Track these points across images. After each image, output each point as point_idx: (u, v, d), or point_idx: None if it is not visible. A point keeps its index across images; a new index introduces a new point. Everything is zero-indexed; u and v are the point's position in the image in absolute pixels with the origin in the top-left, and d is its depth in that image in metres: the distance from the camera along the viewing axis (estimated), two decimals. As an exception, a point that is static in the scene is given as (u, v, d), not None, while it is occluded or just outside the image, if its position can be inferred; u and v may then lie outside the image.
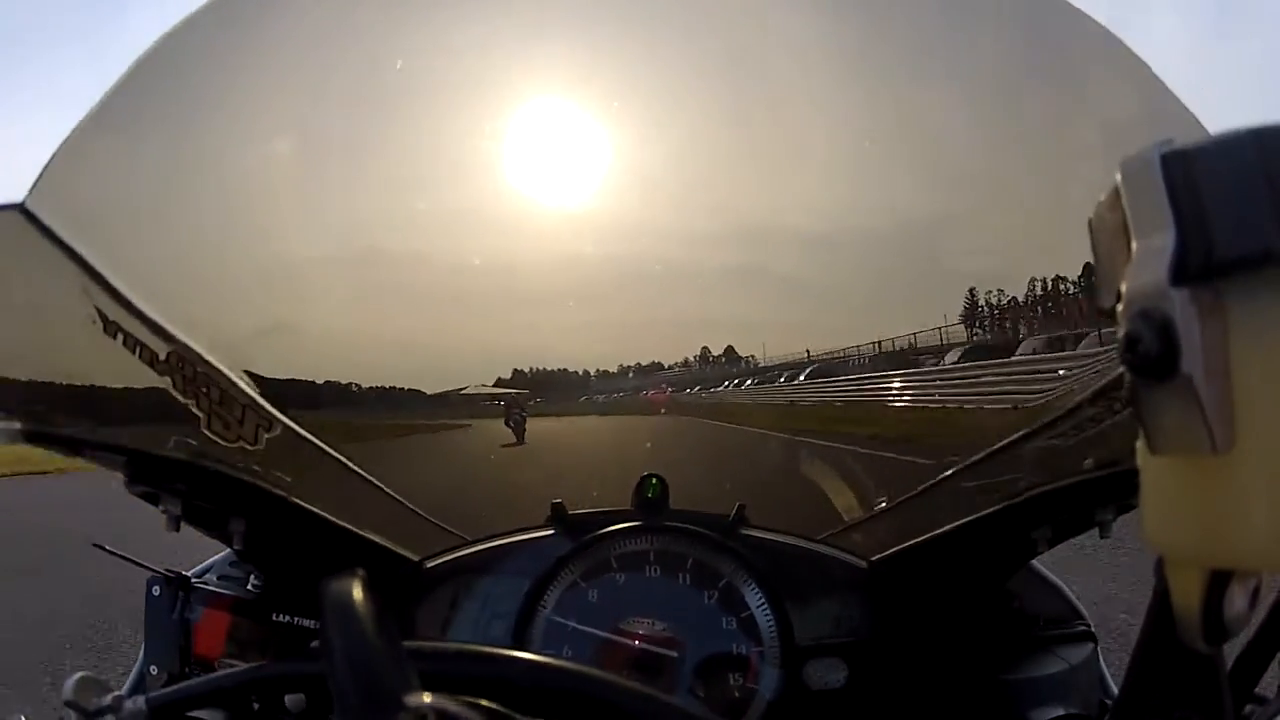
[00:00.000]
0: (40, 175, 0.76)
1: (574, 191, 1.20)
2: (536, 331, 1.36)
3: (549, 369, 1.42)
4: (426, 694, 0.43)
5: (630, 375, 1.43)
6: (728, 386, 1.52)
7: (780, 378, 1.52)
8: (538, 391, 1.42)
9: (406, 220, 1.19)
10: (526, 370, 1.41)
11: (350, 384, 1.23)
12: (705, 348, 1.42)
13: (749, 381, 1.52)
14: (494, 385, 1.40)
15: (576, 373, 1.41)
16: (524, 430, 1.39)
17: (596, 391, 1.44)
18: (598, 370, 1.41)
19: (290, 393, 1.08)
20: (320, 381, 1.17)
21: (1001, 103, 1.04)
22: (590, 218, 1.21)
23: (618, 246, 1.23)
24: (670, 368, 1.42)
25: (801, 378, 1.48)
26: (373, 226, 1.18)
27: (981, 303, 1.20)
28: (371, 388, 1.26)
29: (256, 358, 1.04)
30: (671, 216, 1.23)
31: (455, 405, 1.39)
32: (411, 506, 1.15)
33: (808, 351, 1.42)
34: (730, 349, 1.41)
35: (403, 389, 1.29)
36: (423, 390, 1.30)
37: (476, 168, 1.15)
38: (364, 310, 1.25)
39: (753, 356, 1.43)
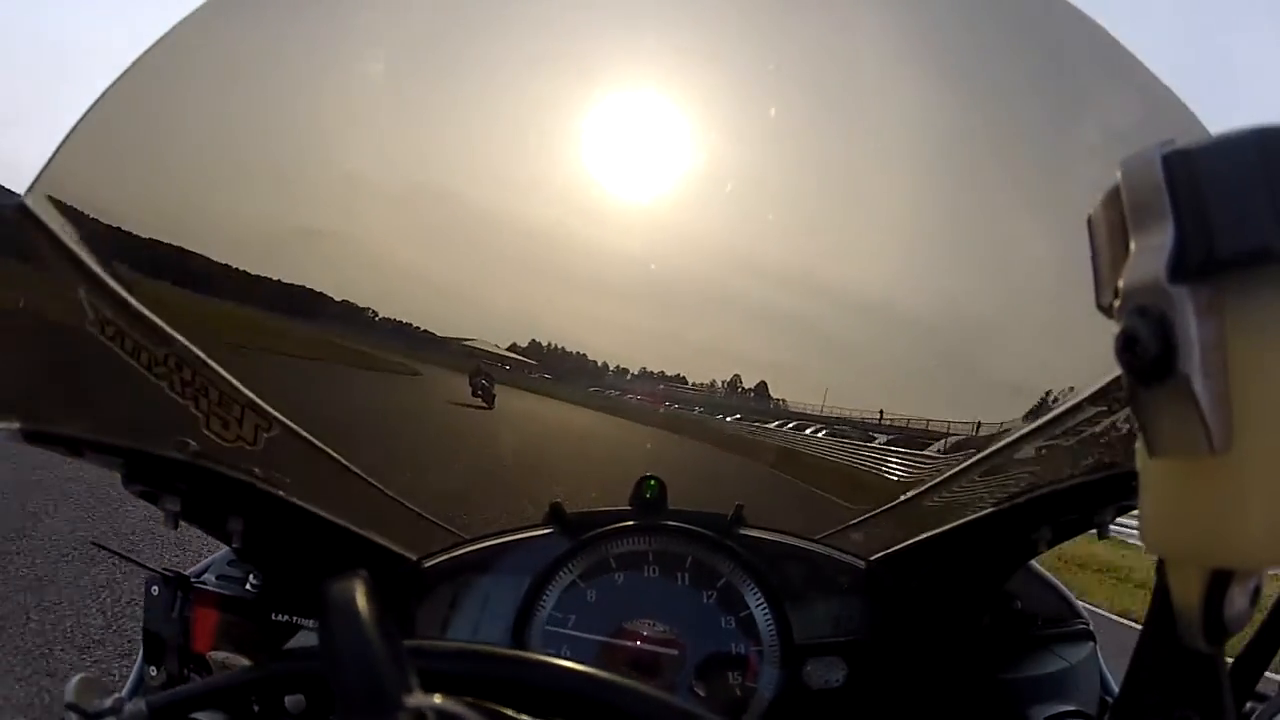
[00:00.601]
0: (40, 174, 0.76)
1: (647, 188, 1.21)
2: (570, 314, 1.36)
3: (568, 350, 1.41)
4: (426, 694, 0.43)
5: (652, 382, 1.42)
6: (742, 420, 1.50)
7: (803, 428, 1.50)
8: (549, 368, 1.41)
9: (481, 172, 1.20)
10: (544, 344, 1.40)
11: (367, 309, 1.23)
12: (737, 375, 1.40)
13: (771, 422, 1.50)
14: (506, 349, 1.39)
15: (595, 363, 1.40)
16: (493, 397, 1.38)
17: (610, 387, 1.43)
18: (617, 367, 1.40)
19: (302, 300, 1.10)
20: (337, 298, 1.18)
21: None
22: (656, 219, 1.22)
23: (676, 255, 1.23)
24: (694, 386, 1.41)
25: (811, 431, 1.47)
26: (447, 168, 1.20)
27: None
28: (387, 319, 1.26)
29: (285, 259, 1.05)
30: (737, 241, 1.23)
31: (458, 355, 1.37)
32: (410, 505, 1.15)
33: (821, 406, 1.41)
34: (763, 384, 1.39)
35: (418, 328, 1.29)
36: (435, 333, 1.30)
37: (559, 141, 1.16)
38: (411, 243, 1.25)
39: (783, 400, 1.41)
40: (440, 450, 1.41)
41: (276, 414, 0.97)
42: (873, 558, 1.09)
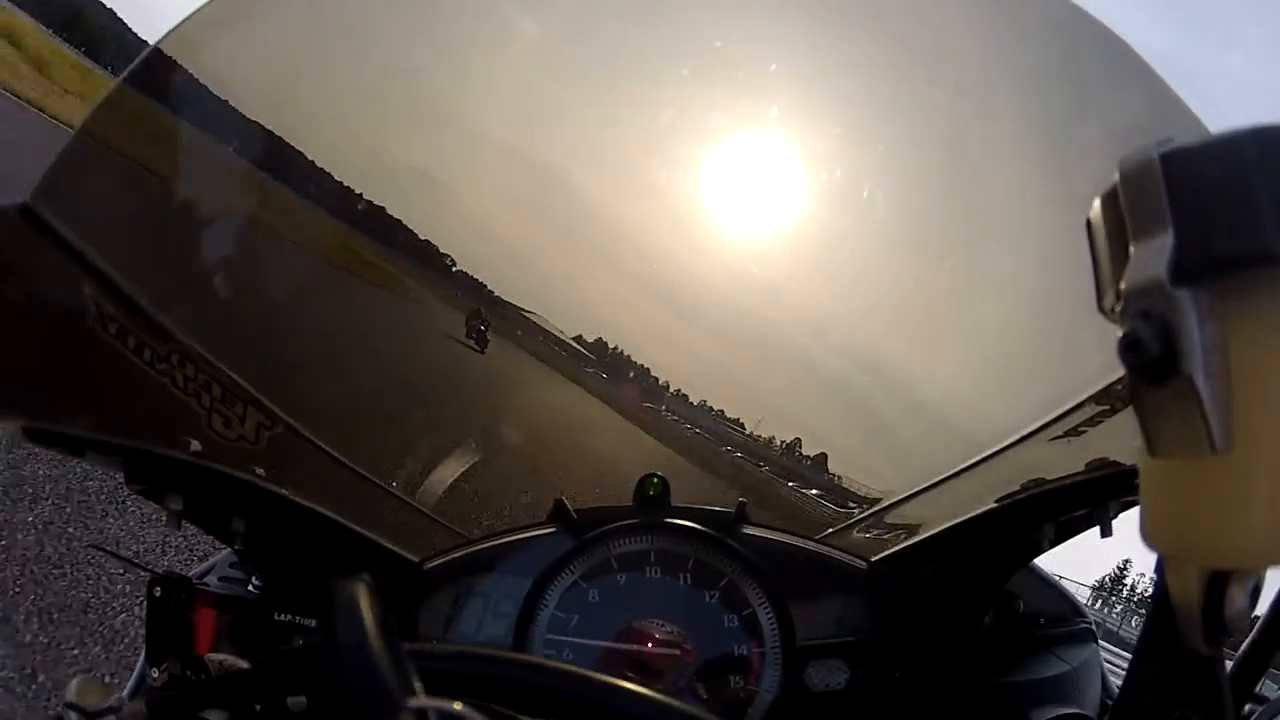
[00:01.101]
0: (45, 174, 0.76)
1: (755, 232, 1.21)
2: (644, 326, 1.36)
3: (632, 359, 1.41)
4: (427, 695, 0.43)
5: (710, 420, 1.41)
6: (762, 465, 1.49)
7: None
8: (608, 369, 1.41)
9: (601, 169, 1.22)
10: (610, 346, 1.40)
11: (447, 255, 1.25)
12: (798, 439, 1.39)
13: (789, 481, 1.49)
14: (572, 338, 1.39)
15: (655, 379, 1.40)
16: (486, 342, 1.38)
17: (664, 407, 1.42)
18: (677, 391, 1.39)
19: (385, 227, 1.11)
20: (420, 236, 1.19)
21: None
22: (758, 264, 1.22)
23: (768, 306, 1.24)
24: (751, 436, 1.40)
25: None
26: (570, 153, 1.22)
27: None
28: (463, 271, 1.27)
29: (388, 189, 1.07)
30: (830, 312, 1.23)
31: (518, 323, 1.38)
32: (413, 503, 1.15)
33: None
34: (823, 456, 1.37)
35: (489, 289, 1.30)
36: (501, 297, 1.31)
37: (683, 162, 1.17)
38: (512, 213, 1.27)
39: (839, 477, 1.39)
40: (459, 426, 1.41)
41: (279, 412, 0.98)
42: (874, 558, 1.09)
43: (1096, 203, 0.44)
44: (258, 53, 1.00)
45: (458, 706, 0.43)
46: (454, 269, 1.28)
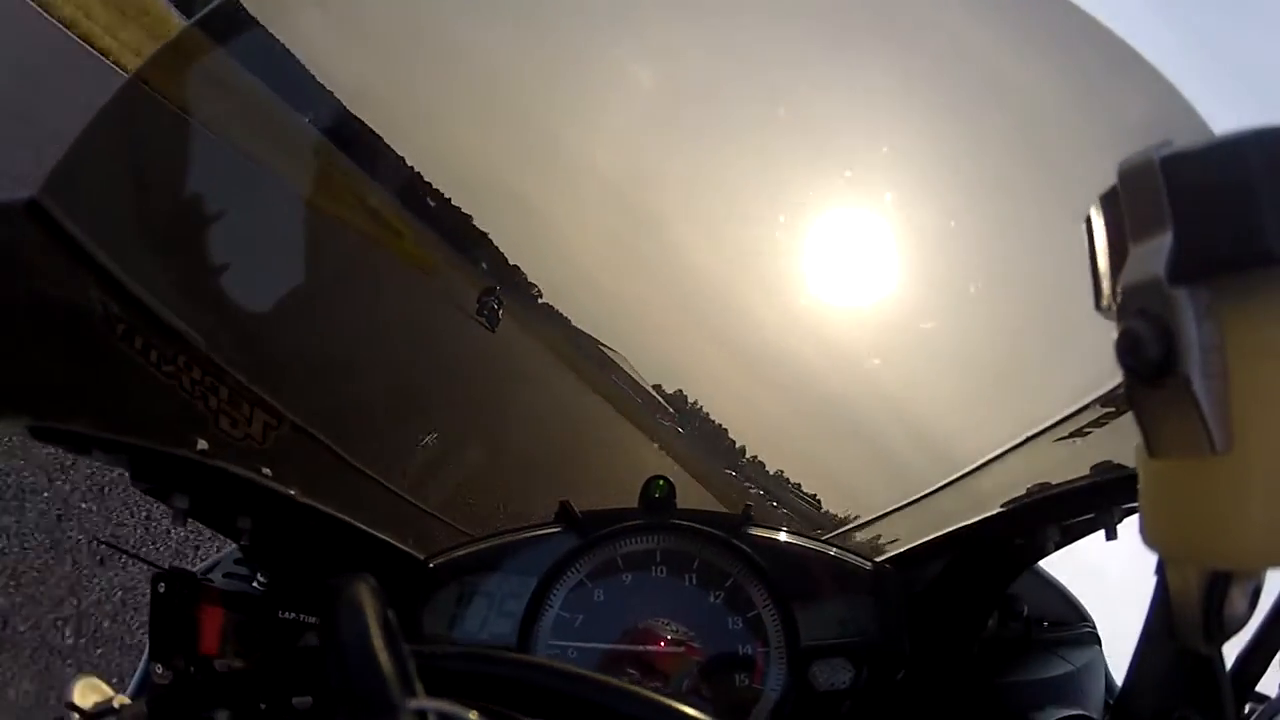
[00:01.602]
0: (53, 168, 0.76)
1: (843, 303, 1.22)
2: (727, 387, 1.36)
3: (710, 419, 1.40)
4: (429, 696, 0.43)
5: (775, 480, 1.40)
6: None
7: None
8: (684, 423, 1.40)
9: (699, 218, 1.23)
10: (690, 400, 1.40)
11: (535, 285, 1.26)
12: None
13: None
14: (652, 386, 1.39)
15: (733, 442, 1.39)
16: (497, 320, 1.38)
17: (737, 473, 1.41)
18: (753, 458, 1.38)
19: (469, 236, 1.13)
20: (510, 260, 1.20)
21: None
22: (842, 334, 1.23)
23: (849, 380, 1.25)
24: (813, 502, 1.38)
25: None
26: (672, 198, 1.24)
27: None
28: (547, 304, 1.28)
29: (477, 200, 1.08)
30: (901, 394, 1.24)
31: (596, 361, 1.38)
32: (418, 502, 1.15)
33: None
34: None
35: (571, 322, 1.31)
36: (582, 329, 1.32)
37: (783, 223, 1.17)
38: (602, 251, 1.27)
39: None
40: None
41: (286, 411, 0.98)
42: (879, 559, 1.09)
43: (1096, 203, 0.44)
44: (357, 55, 1.02)
45: (458, 708, 0.43)
46: (539, 299, 1.29)
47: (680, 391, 1.39)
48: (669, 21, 1.10)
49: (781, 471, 1.37)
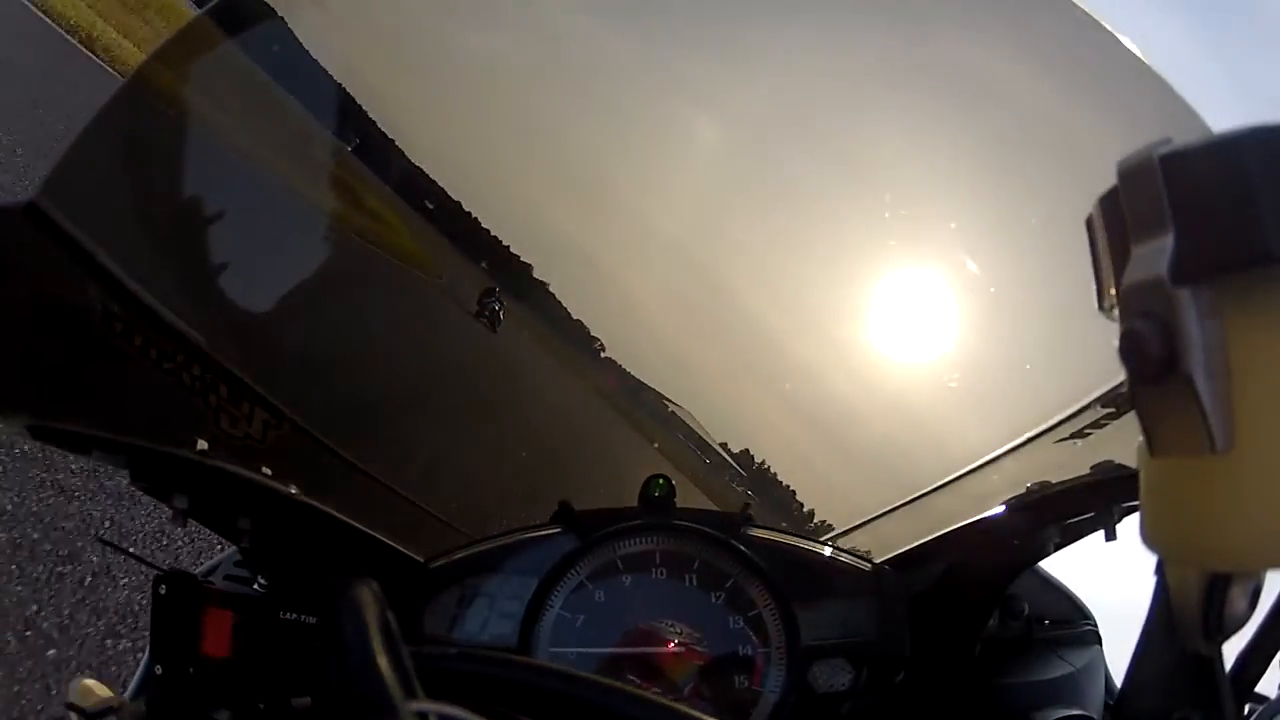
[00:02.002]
0: (52, 170, 0.76)
1: (899, 350, 1.22)
2: (780, 446, 1.36)
3: (780, 481, 1.39)
4: (429, 698, 0.43)
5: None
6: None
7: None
8: (753, 485, 1.39)
9: (767, 288, 1.23)
10: (756, 460, 1.38)
11: (597, 339, 1.25)
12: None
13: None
14: (719, 444, 1.39)
15: (801, 505, 1.37)
16: (498, 320, 1.38)
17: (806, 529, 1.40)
18: (822, 522, 1.37)
19: (520, 281, 1.13)
20: (573, 314, 1.20)
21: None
22: (898, 382, 1.24)
23: (915, 445, 1.25)
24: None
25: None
26: (739, 266, 1.24)
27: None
28: (609, 358, 1.28)
29: (545, 256, 1.08)
30: (956, 431, 1.24)
31: (661, 418, 1.38)
32: (419, 503, 1.15)
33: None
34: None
35: (633, 375, 1.31)
36: (643, 382, 1.32)
37: (847, 294, 1.19)
38: (667, 312, 1.27)
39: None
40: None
41: (287, 411, 0.98)
42: (880, 559, 1.09)
43: (1096, 204, 0.44)
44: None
45: (458, 710, 0.43)
46: (602, 354, 1.29)
47: (748, 451, 1.39)
48: (736, 86, 1.10)
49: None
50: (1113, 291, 0.42)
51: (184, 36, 0.91)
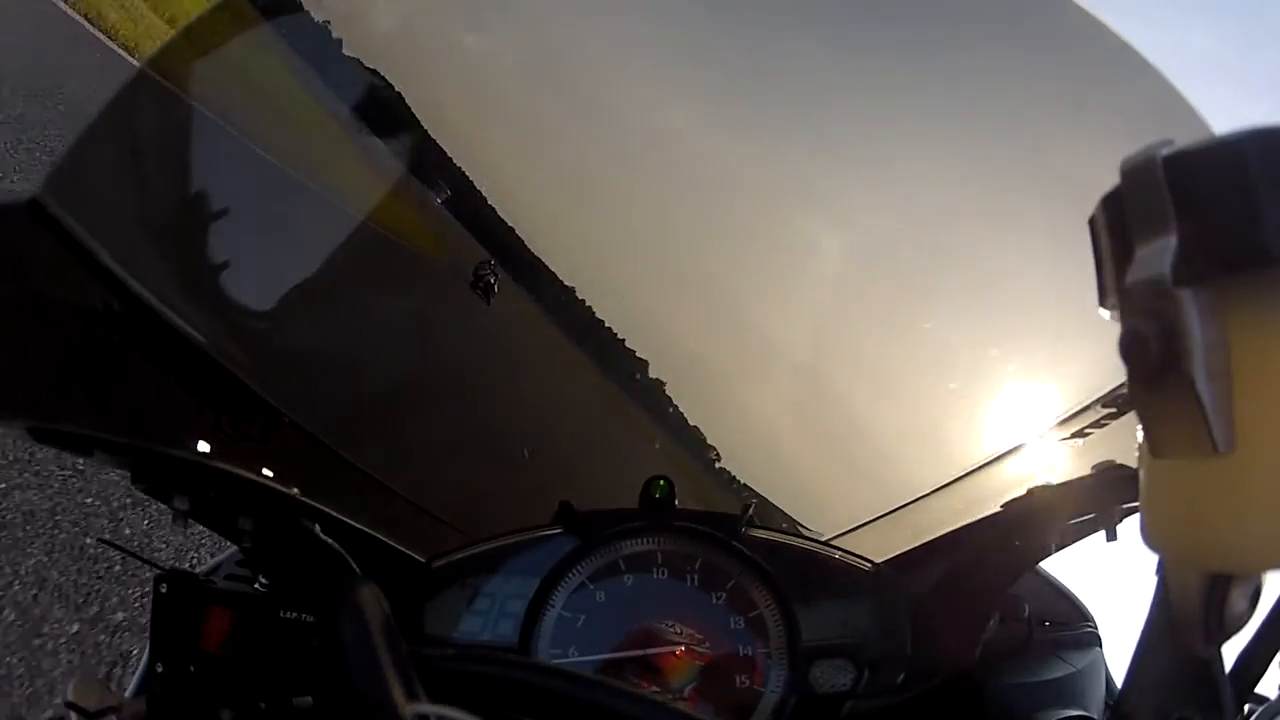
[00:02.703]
0: (55, 166, 0.76)
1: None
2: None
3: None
4: (429, 699, 0.43)
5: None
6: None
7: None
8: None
9: (876, 385, 1.23)
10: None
11: (713, 450, 1.26)
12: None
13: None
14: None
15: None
16: (491, 293, 1.37)
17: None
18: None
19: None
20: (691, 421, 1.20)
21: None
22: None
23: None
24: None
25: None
26: (841, 370, 1.25)
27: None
28: (718, 463, 1.28)
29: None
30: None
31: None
32: (420, 503, 1.15)
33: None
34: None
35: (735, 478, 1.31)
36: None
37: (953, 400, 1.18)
38: (776, 413, 1.28)
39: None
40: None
41: (288, 411, 0.98)
42: (880, 560, 1.09)
43: (1099, 204, 0.44)
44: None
45: (459, 712, 0.43)
46: (717, 464, 1.29)
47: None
48: (856, 198, 1.11)
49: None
50: (1115, 291, 0.42)
51: (190, 32, 0.91)
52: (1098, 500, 0.90)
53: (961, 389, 1.15)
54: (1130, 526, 0.91)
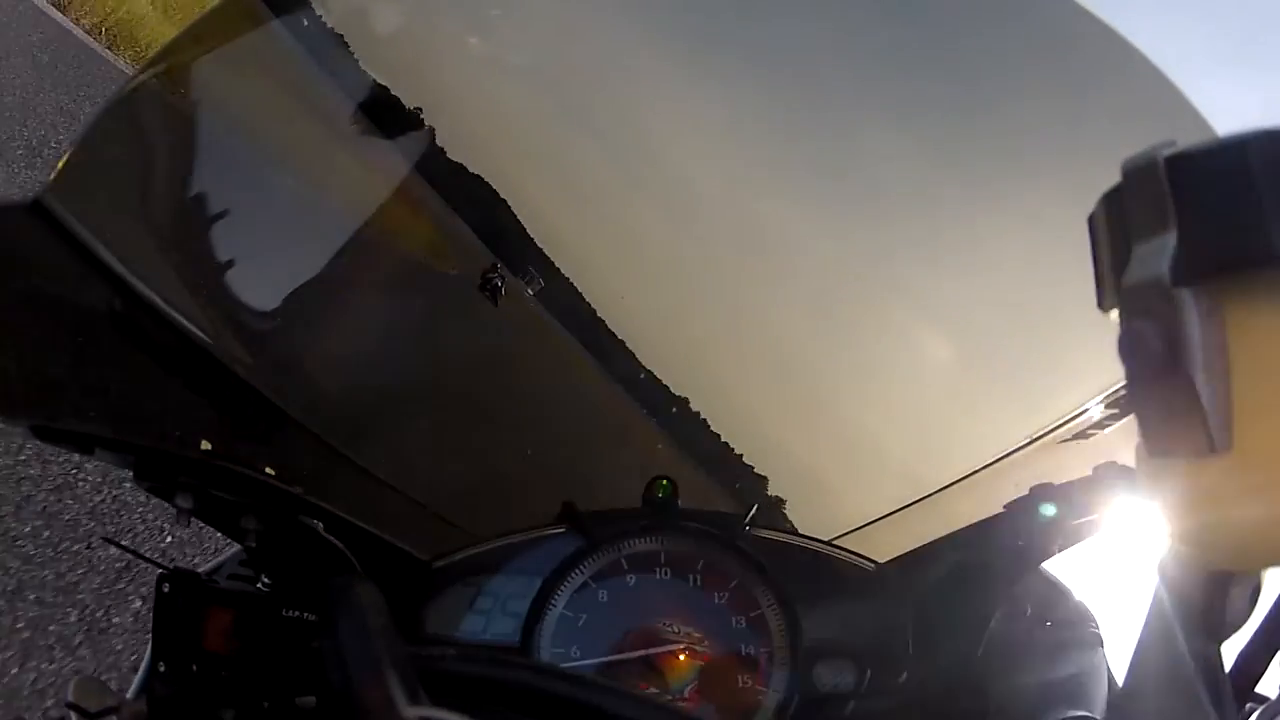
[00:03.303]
0: (59, 167, 0.76)
1: None
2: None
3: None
4: (429, 701, 0.43)
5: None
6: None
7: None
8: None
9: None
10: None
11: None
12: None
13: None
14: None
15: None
16: (499, 295, 1.37)
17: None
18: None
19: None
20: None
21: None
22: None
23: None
24: None
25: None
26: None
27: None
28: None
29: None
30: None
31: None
32: (422, 502, 1.15)
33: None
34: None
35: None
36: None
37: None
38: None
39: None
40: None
41: (290, 410, 0.98)
42: (883, 560, 1.09)
43: (1100, 202, 0.44)
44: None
45: (459, 716, 0.43)
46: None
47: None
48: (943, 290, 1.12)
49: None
50: (1114, 290, 0.42)
51: (194, 30, 0.91)
52: (1099, 500, 0.91)
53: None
54: (1130, 527, 0.92)
